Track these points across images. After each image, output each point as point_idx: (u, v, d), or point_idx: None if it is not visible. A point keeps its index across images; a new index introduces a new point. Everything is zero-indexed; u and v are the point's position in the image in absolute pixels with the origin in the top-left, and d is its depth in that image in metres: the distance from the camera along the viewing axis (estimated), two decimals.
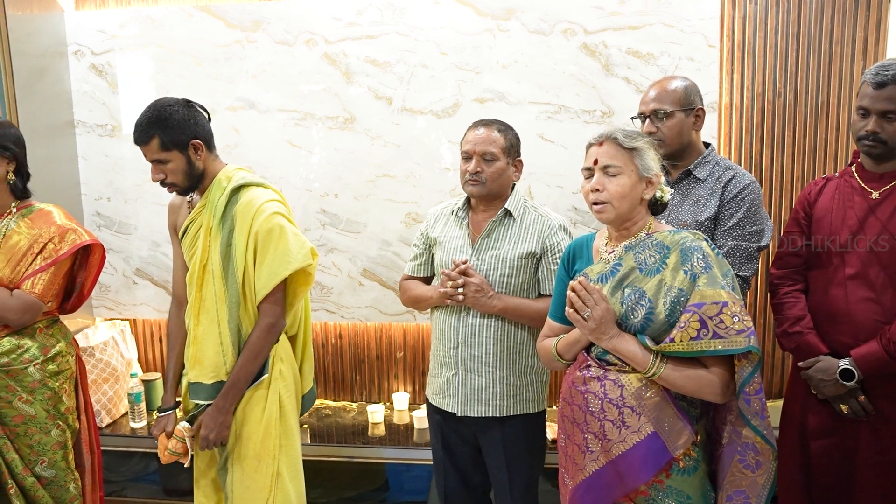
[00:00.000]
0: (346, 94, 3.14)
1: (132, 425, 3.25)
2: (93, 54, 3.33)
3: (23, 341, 2.25)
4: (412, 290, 2.42)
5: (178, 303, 2.34)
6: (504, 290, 2.25)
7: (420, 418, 3.16)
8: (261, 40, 3.17)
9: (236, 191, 2.15)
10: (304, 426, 3.23)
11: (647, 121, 2.23)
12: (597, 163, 1.79)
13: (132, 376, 3.36)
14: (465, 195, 2.37)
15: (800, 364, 2.16)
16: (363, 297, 3.26)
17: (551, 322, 1.99)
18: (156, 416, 2.43)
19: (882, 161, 2.04)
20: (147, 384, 3.36)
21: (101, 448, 2.60)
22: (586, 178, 1.83)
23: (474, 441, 2.37)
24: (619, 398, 1.72)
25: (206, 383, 2.16)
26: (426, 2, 3.03)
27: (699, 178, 2.23)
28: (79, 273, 2.42)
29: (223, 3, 3.21)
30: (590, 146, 1.85)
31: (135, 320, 3.60)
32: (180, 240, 2.26)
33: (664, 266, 1.72)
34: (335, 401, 3.48)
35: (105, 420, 3.26)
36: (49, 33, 3.24)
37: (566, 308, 1.78)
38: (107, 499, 2.66)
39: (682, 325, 1.64)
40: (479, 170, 2.23)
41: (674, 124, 2.21)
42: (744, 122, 3.01)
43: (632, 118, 2.31)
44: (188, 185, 2.15)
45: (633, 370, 1.72)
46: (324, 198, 3.22)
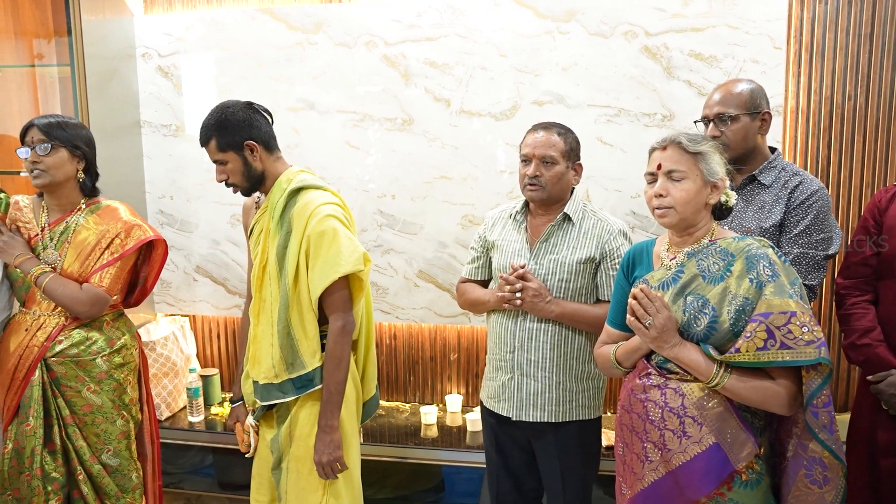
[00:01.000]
0: (404, 95, 3.15)
1: (190, 419, 3.32)
2: (159, 56, 3.41)
3: (91, 333, 2.32)
4: (469, 293, 2.42)
5: (251, 299, 2.36)
6: (562, 295, 2.23)
7: (473, 421, 3.15)
8: (321, 42, 3.21)
9: (294, 193, 2.15)
10: (363, 423, 3.25)
11: (711, 124, 2.19)
12: (660, 167, 1.76)
13: (191, 371, 3.44)
14: (523, 198, 2.35)
15: (869, 378, 2.09)
16: (418, 299, 3.27)
17: (610, 329, 1.96)
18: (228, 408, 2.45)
19: None
20: (205, 379, 3.42)
21: (161, 440, 2.66)
22: (649, 182, 1.81)
23: (528, 446, 2.36)
24: (680, 407, 1.69)
25: (259, 383, 2.18)
26: (486, 4, 3.02)
27: (764, 184, 2.18)
28: (142, 268, 2.48)
29: (285, 5, 3.25)
30: (652, 151, 1.82)
31: (194, 316, 3.68)
32: (248, 239, 2.30)
33: (729, 274, 1.68)
34: (388, 401, 3.49)
35: (164, 413, 3.34)
36: (119, 37, 3.33)
37: (627, 316, 1.75)
38: (164, 490, 2.72)
39: (748, 334, 1.60)
40: (538, 173, 2.21)
41: (739, 128, 2.16)
42: (810, 127, 2.93)
43: (695, 122, 2.26)
44: (248, 185, 2.18)
45: (695, 379, 1.69)
46: (381, 199, 3.24)
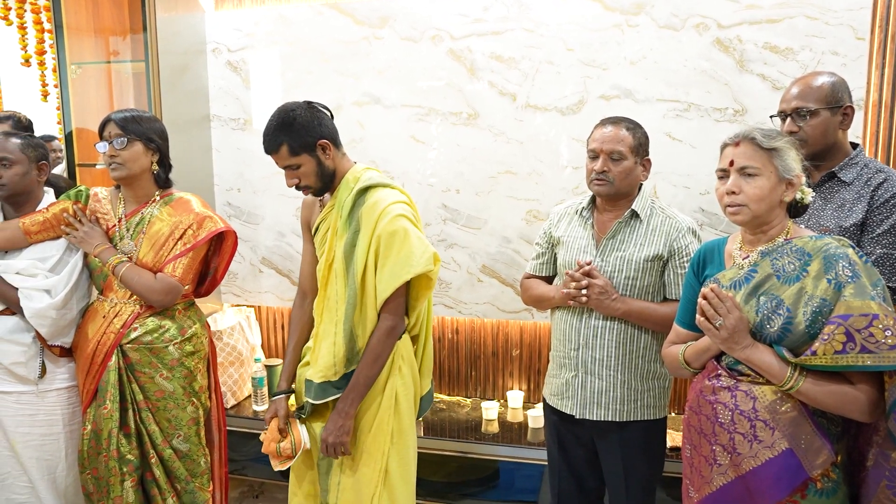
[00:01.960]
0: (469, 90, 3.15)
1: (255, 408, 3.39)
2: (229, 51, 3.48)
3: (164, 322, 2.38)
4: (534, 289, 2.40)
5: (303, 293, 2.40)
6: (628, 293, 2.20)
7: (535, 417, 3.13)
8: (387, 36, 3.22)
9: (363, 192, 2.15)
10: (419, 419, 3.26)
11: (789, 119, 2.11)
12: (733, 164, 1.72)
13: (256, 361, 3.51)
14: (590, 194, 2.32)
15: None
16: (481, 294, 3.27)
17: (678, 328, 1.92)
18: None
19: None
20: (269, 369, 3.49)
21: (226, 427, 2.71)
22: (720, 178, 1.76)
23: (591, 444, 2.33)
24: (752, 410, 1.64)
25: (314, 382, 2.18)
26: None
27: (845, 181, 2.09)
28: (213, 259, 2.53)
29: (352, 0, 3.28)
30: (725, 146, 1.77)
31: (259, 307, 3.75)
32: (313, 237, 2.31)
33: (805, 274, 1.63)
34: (450, 395, 3.50)
35: (230, 401, 3.41)
36: (191, 33, 3.42)
37: (697, 316, 1.71)
38: (229, 476, 2.78)
39: (826, 337, 1.54)
40: (605, 169, 2.18)
41: (818, 123, 2.08)
42: (894, 121, 2.81)
43: (771, 117, 2.19)
44: (321, 185, 2.16)
45: (768, 382, 1.64)
46: (445, 193, 3.24)
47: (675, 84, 2.91)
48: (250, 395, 3.50)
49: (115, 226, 2.39)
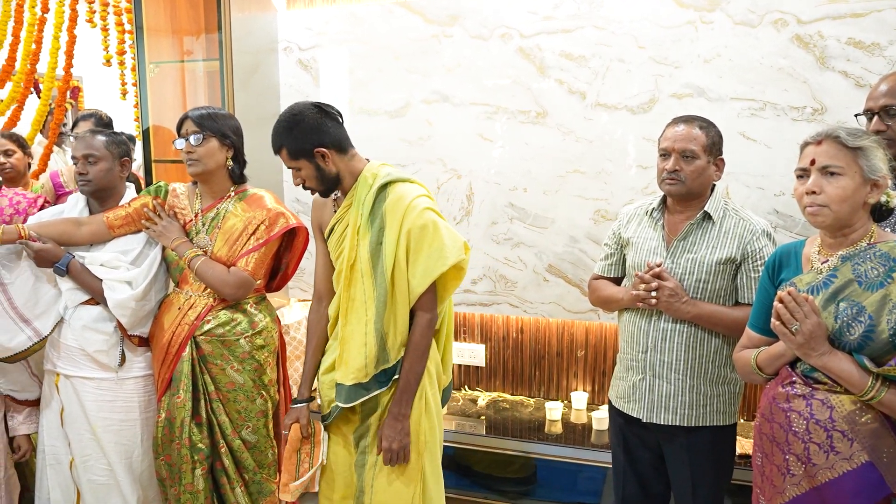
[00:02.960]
0: (538, 88, 3.13)
1: (318, 402, 3.43)
2: (300, 50, 3.55)
3: (235, 315, 2.43)
4: (602, 290, 2.37)
5: (319, 297, 2.37)
6: (699, 296, 2.15)
7: (599, 419, 3.10)
8: (457, 34, 3.23)
9: (383, 188, 2.13)
10: (482, 417, 3.27)
11: (876, 118, 2.02)
12: (814, 163, 1.66)
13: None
14: (660, 195, 2.28)
15: None
16: (547, 293, 3.25)
17: (751, 332, 1.88)
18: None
19: None
20: None
21: None
22: (799, 177, 1.71)
23: (658, 448, 2.29)
24: (828, 420, 1.59)
25: (346, 385, 2.15)
26: None
27: None
28: (284, 255, 2.57)
29: None
30: (805, 145, 1.72)
31: None
32: (326, 239, 2.27)
33: (890, 280, 1.57)
34: (513, 395, 3.49)
35: (294, 394, 3.46)
36: (263, 32, 3.49)
37: (772, 320, 1.66)
38: None
39: None
40: (677, 168, 2.14)
41: None
42: None
43: (856, 115, 2.11)
44: (324, 188, 2.16)
45: (846, 391, 1.58)
46: (512, 192, 3.23)
47: (751, 82, 2.84)
48: (315, 389, 3.55)
49: (191, 220, 2.46)
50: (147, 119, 3.40)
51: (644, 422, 2.24)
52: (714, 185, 2.22)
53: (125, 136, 2.58)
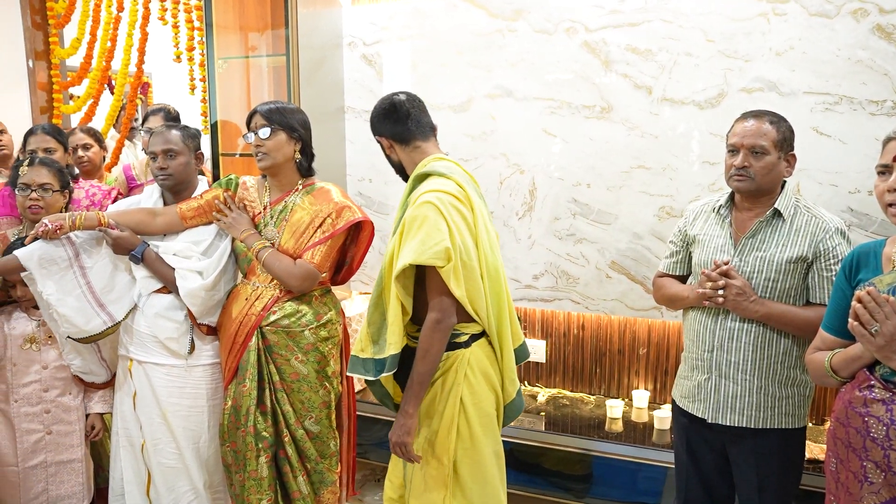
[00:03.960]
0: (603, 82, 3.09)
1: None
2: (364, 45, 3.57)
3: (301, 307, 2.47)
4: (667, 288, 2.34)
5: None
6: (768, 295, 2.10)
7: (661, 419, 3.06)
8: (521, 29, 3.21)
9: (420, 179, 2.16)
10: (542, 413, 3.26)
11: None
12: None
13: None
14: (728, 191, 2.23)
15: None
16: (609, 290, 3.21)
17: (824, 334, 1.82)
18: None
19: None
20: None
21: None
22: (880, 173, 1.65)
23: (722, 450, 2.25)
24: None
25: (358, 356, 2.16)
26: None
27: None
28: (350, 248, 2.60)
29: None
30: (888, 140, 1.66)
31: None
32: None
33: None
34: (573, 391, 3.47)
35: (356, 386, 3.51)
36: (329, 27, 3.53)
37: (850, 321, 1.61)
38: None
39: None
40: (746, 164, 2.09)
41: None
42: None
43: None
44: (396, 171, 2.32)
45: None
46: (576, 187, 3.20)
47: (826, 75, 2.75)
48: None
49: (260, 213, 2.51)
50: (215, 113, 3.47)
51: (709, 422, 2.20)
52: (785, 181, 2.17)
53: (195, 130, 2.65)
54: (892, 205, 1.61)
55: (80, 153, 3.36)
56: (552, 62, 3.17)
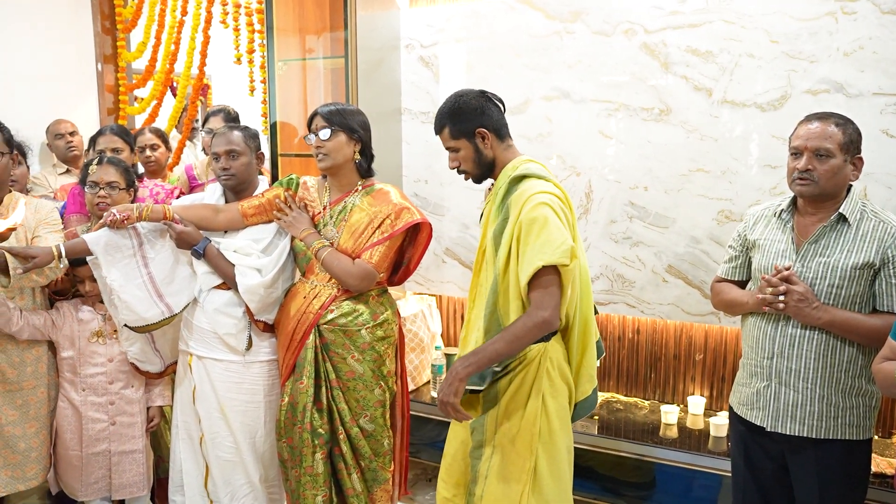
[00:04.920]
0: (662, 84, 3.05)
1: (433, 394, 3.50)
2: (421, 47, 3.60)
3: (358, 306, 2.50)
4: (726, 293, 2.30)
5: None
6: (831, 302, 2.05)
7: (718, 426, 3.00)
8: (578, 31, 3.20)
9: (517, 181, 2.14)
10: (595, 416, 3.23)
11: None
12: None
13: (436, 349, 3.62)
14: (790, 195, 2.18)
15: None
16: (665, 294, 3.17)
17: (893, 343, 1.77)
18: None
19: None
20: (448, 357, 3.58)
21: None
22: None
23: (781, 459, 2.20)
24: None
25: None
26: None
27: None
28: (407, 249, 2.61)
29: None
30: None
31: (440, 296, 3.86)
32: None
33: None
34: (627, 396, 3.44)
35: (409, 386, 3.54)
36: (386, 29, 3.57)
37: None
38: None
39: None
40: (810, 167, 2.05)
41: None
42: None
43: None
44: (479, 172, 2.22)
45: None
46: (633, 190, 3.17)
47: None
48: (429, 381, 3.61)
49: (320, 213, 2.55)
50: (274, 114, 3.54)
51: (768, 430, 2.15)
52: (850, 185, 2.11)
53: (255, 131, 2.70)
54: None
55: (147, 153, 3.46)
56: (610, 64, 3.15)
